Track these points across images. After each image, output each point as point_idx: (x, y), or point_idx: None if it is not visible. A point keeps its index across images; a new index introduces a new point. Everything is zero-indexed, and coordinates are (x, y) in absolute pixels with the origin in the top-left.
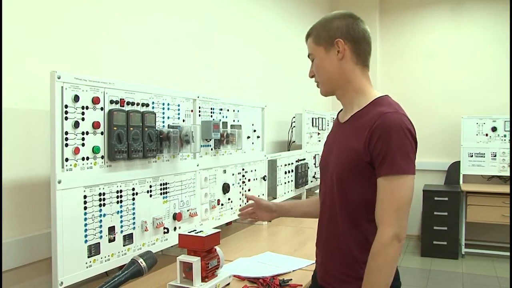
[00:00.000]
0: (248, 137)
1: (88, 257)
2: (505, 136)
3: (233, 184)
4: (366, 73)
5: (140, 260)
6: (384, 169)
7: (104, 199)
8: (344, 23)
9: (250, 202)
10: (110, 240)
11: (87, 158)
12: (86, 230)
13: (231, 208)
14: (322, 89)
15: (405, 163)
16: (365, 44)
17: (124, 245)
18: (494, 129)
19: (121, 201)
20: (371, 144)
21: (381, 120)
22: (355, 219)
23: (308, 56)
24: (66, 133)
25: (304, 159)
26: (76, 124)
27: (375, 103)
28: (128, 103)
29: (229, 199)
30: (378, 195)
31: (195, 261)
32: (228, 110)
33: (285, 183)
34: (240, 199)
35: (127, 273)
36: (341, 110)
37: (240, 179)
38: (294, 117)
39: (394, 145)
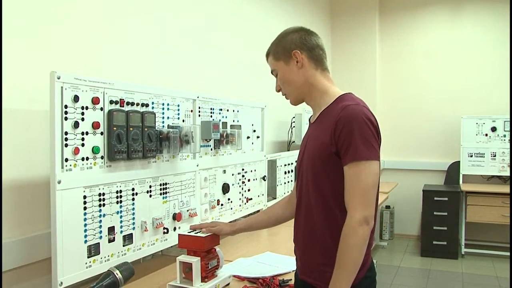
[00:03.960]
0: (248, 137)
1: (88, 257)
2: (504, 136)
3: (232, 184)
4: (327, 75)
5: (116, 272)
6: (349, 157)
7: (103, 199)
8: (297, 35)
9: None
10: (110, 240)
11: (87, 158)
12: (85, 230)
13: (231, 208)
14: (291, 99)
15: (367, 150)
16: (320, 50)
17: (124, 245)
18: (493, 129)
19: (120, 201)
20: (336, 135)
21: (343, 112)
22: (329, 210)
23: (272, 73)
24: (66, 133)
25: None
26: (76, 124)
27: (339, 99)
28: (127, 103)
29: (228, 199)
30: (345, 183)
31: (195, 261)
32: (228, 110)
33: (285, 183)
34: (240, 199)
35: (102, 285)
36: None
37: (240, 179)
38: (293, 117)
39: (356, 134)
